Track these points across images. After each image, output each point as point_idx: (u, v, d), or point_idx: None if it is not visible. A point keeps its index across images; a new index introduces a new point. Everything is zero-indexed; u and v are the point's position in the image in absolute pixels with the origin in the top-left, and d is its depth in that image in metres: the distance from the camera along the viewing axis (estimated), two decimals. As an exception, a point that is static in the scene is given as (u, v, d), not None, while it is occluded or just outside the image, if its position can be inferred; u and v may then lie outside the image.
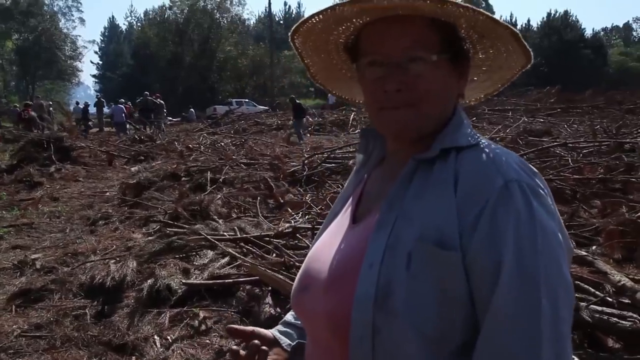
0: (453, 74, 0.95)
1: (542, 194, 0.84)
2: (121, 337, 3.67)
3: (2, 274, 5.15)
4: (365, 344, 0.83)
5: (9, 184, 10.52)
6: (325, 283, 0.94)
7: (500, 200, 0.80)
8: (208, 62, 49.73)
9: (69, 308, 4.18)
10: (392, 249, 0.85)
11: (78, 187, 10.20)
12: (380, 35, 0.92)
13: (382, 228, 0.88)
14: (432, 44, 0.90)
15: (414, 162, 0.91)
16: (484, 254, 0.79)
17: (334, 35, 1.03)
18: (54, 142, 12.25)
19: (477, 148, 0.90)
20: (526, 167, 0.87)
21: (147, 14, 60.36)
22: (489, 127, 15.01)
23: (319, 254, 1.02)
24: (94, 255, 5.38)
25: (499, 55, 1.01)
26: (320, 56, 1.09)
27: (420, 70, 0.89)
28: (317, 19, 0.95)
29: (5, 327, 3.90)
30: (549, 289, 0.77)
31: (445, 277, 0.81)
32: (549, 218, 0.82)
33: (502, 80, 1.07)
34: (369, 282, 0.84)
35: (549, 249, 0.79)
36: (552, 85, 25.46)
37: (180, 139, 16.37)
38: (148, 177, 8.86)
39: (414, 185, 0.90)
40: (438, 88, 0.91)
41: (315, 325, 0.97)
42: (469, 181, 0.84)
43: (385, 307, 0.82)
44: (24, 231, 6.89)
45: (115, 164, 12.93)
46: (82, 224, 7.22)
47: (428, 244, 0.82)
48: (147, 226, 6.56)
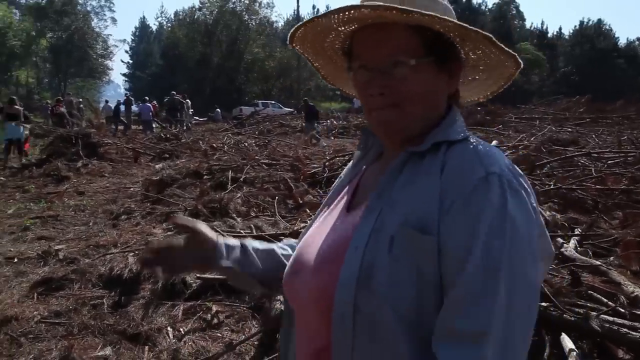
0: (441, 76, 0.98)
1: (521, 192, 0.86)
2: (135, 327, 3.78)
3: (27, 263, 5.32)
4: (346, 322, 0.88)
5: (37, 177, 10.82)
6: (314, 265, 1.00)
7: (477, 190, 0.84)
8: (236, 63, 50.17)
9: (87, 297, 4.31)
10: (376, 233, 0.90)
11: (103, 182, 10.43)
12: (366, 42, 0.97)
13: (369, 214, 0.94)
14: (412, 49, 0.94)
15: (406, 154, 0.96)
16: (454, 238, 0.83)
17: (327, 42, 1.09)
18: (81, 138, 12.55)
19: (466, 142, 0.94)
20: (512, 166, 0.90)
21: (177, 14, 61.14)
22: (515, 135, 14.85)
23: (311, 240, 1.07)
24: (115, 248, 5.52)
25: (490, 55, 1.04)
26: (322, 60, 1.15)
27: (403, 74, 0.94)
28: (302, 30, 1.02)
29: (27, 313, 4.03)
30: (508, 282, 0.80)
31: (423, 260, 0.85)
32: (523, 214, 0.84)
33: (502, 77, 1.08)
34: (354, 264, 0.89)
35: (517, 245, 0.82)
36: (583, 95, 25.02)
37: (205, 138, 16.56)
38: (171, 175, 9.00)
39: (404, 175, 0.95)
40: (422, 90, 0.96)
41: (304, 307, 1.02)
42: (453, 171, 0.88)
43: (367, 287, 0.86)
44: (49, 223, 7.09)
45: (140, 160, 13.16)
46: (106, 218, 7.40)
47: (409, 228, 0.86)
48: (167, 222, 6.68)
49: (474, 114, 20.88)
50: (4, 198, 8.99)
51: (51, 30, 50.98)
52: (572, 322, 3.29)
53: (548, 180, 7.30)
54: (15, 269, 5.12)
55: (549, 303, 3.44)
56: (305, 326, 1.03)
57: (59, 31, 51.20)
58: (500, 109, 22.93)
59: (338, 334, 0.90)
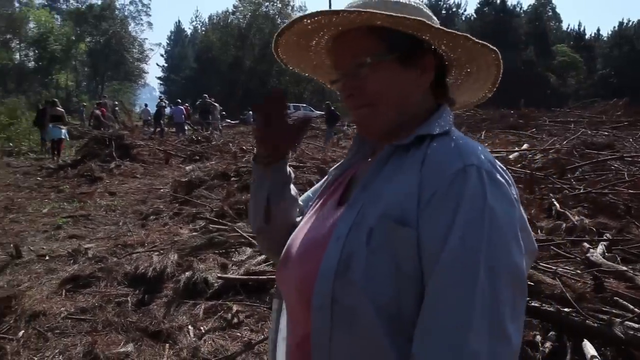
0: (409, 71, 0.99)
1: (501, 182, 0.86)
2: (157, 325, 3.85)
3: (58, 261, 5.48)
4: (324, 312, 0.89)
5: (72, 177, 11.13)
6: (299, 256, 1.02)
7: (454, 182, 0.84)
8: (268, 66, 50.55)
9: (112, 295, 4.41)
10: (357, 225, 0.91)
11: (135, 183, 10.65)
12: (336, 51, 1.05)
13: (353, 206, 0.95)
14: (370, 49, 0.98)
15: (391, 148, 0.98)
16: (432, 229, 0.83)
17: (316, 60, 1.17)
18: (115, 140, 12.84)
19: (447, 136, 0.96)
20: (492, 159, 0.91)
21: (211, 18, 62.16)
22: (549, 138, 14.58)
23: (301, 232, 1.09)
24: (141, 248, 5.63)
25: (470, 53, 1.05)
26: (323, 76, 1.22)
27: (365, 73, 0.98)
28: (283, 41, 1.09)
29: (54, 309, 4.16)
30: (490, 270, 0.79)
31: (402, 253, 0.85)
32: (503, 204, 0.84)
33: (489, 79, 1.10)
34: (334, 255, 0.90)
35: (497, 233, 0.81)
36: (621, 98, 24.36)
37: (235, 140, 16.76)
38: (199, 176, 9.14)
39: (388, 168, 0.97)
40: (387, 87, 0.99)
41: (290, 297, 1.04)
42: (432, 163, 0.89)
43: (344, 278, 0.87)
44: (81, 222, 7.29)
45: (171, 162, 13.38)
46: (135, 218, 7.56)
47: (389, 220, 0.87)
48: (194, 222, 6.79)
49: (507, 117, 20.57)
50: (40, 197, 9.27)
51: (90, 34, 52.33)
52: (595, 329, 3.23)
53: (579, 184, 7.16)
54: (46, 266, 5.28)
55: (571, 309, 3.38)
56: (291, 314, 1.05)
57: (97, 35, 52.53)
58: (534, 112, 22.52)
59: (317, 324, 0.91)
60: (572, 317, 3.34)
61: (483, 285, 0.79)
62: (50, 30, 48.68)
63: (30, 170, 12.69)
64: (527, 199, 6.26)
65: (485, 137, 14.19)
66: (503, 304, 0.80)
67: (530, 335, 3.29)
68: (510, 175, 0.91)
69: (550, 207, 6.10)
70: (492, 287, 0.79)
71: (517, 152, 9.76)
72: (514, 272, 0.82)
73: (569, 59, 50.35)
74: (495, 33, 43.21)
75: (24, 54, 52.02)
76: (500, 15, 46.20)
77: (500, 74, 1.06)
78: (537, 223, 5.36)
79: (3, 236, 6.56)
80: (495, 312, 0.79)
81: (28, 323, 3.90)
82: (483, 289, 0.78)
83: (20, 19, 49.07)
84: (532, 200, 6.23)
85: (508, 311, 0.80)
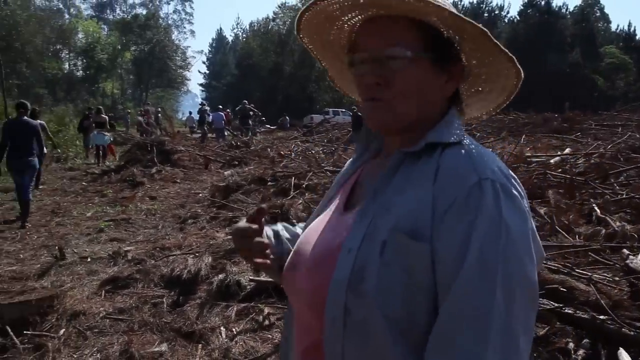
0: (438, 76, 0.99)
1: (515, 195, 0.87)
2: (190, 326, 3.94)
3: (99, 263, 5.67)
4: (337, 323, 0.90)
5: (115, 182, 11.48)
6: (309, 264, 1.02)
7: (470, 196, 0.84)
8: (307, 72, 50.88)
9: (149, 296, 4.54)
10: (369, 237, 0.91)
11: (175, 188, 10.90)
12: (365, 34, 1.00)
13: (363, 217, 0.95)
14: (410, 43, 0.95)
15: (400, 155, 0.98)
16: (448, 245, 0.83)
17: (333, 35, 1.11)
18: (156, 146, 13.18)
19: (460, 145, 0.94)
20: (506, 170, 0.91)
21: (252, 25, 63.13)
22: (594, 142, 14.16)
23: (310, 237, 1.09)
24: (178, 250, 5.77)
25: (486, 58, 1.03)
26: (329, 57, 1.19)
27: (397, 66, 0.95)
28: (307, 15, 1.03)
29: (94, 309, 4.31)
30: (505, 286, 0.80)
31: (414, 266, 0.85)
32: (517, 218, 0.84)
33: (505, 90, 1.08)
34: (346, 267, 0.90)
35: (513, 248, 0.82)
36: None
37: (274, 145, 16.93)
38: (237, 181, 9.27)
39: (398, 177, 0.96)
40: (414, 85, 0.96)
41: (299, 302, 1.05)
42: (446, 176, 0.89)
43: (357, 290, 0.88)
44: (122, 225, 7.52)
45: (211, 167, 13.62)
46: (173, 222, 7.75)
47: (401, 233, 0.87)
48: (230, 226, 6.90)
49: (551, 121, 20.08)
50: (84, 202, 9.60)
51: (135, 43, 53.87)
52: (632, 337, 3.14)
53: (622, 189, 6.93)
54: (88, 268, 5.47)
55: (606, 316, 3.30)
56: (301, 319, 1.06)
57: (141, 44, 54.02)
58: (580, 115, 21.89)
59: (329, 335, 0.92)
60: (608, 325, 3.25)
61: (499, 300, 0.79)
62: (98, 40, 50.38)
63: (77, 176, 13.15)
64: (567, 204, 6.11)
65: (526, 142, 13.88)
66: (517, 318, 0.81)
67: (562, 343, 3.21)
68: (522, 186, 0.91)
69: (590, 212, 5.93)
70: (508, 302, 0.80)
71: (559, 157, 9.53)
72: (527, 285, 0.83)
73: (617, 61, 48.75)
74: (539, 35, 42.31)
75: (73, 63, 54.05)
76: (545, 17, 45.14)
77: (519, 85, 1.03)
78: (575, 229, 5.22)
79: (49, 239, 6.84)
80: (510, 327, 0.80)
81: (69, 322, 4.05)
82: (499, 304, 0.79)
83: (70, 30, 50.98)
84: (571, 205, 6.07)
85: (521, 324, 0.82)
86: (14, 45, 38.29)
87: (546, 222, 5.43)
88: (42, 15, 48.55)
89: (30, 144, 7.95)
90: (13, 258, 5.95)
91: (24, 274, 5.29)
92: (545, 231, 5.23)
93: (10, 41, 37.74)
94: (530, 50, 41.58)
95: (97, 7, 72.40)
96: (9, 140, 7.82)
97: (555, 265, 3.83)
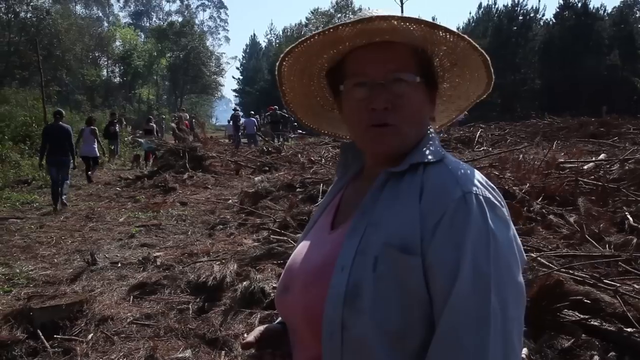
0: (427, 98, 1.05)
1: (497, 205, 0.92)
2: (214, 332, 4.00)
3: (129, 268, 5.80)
4: (335, 339, 0.93)
5: (148, 188, 11.71)
6: (302, 283, 1.05)
7: (457, 210, 0.89)
8: (339, 77, 50.95)
9: (175, 302, 4.62)
10: (361, 254, 0.95)
11: (206, 194, 11.04)
12: (366, 59, 1.02)
13: (353, 234, 0.99)
14: (413, 68, 1.01)
15: (386, 175, 1.01)
16: (442, 258, 0.87)
17: (322, 59, 1.12)
18: (188, 152, 13.39)
19: (442, 163, 1.00)
20: (485, 182, 0.96)
21: (285, 31, 63.60)
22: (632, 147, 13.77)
23: (299, 258, 1.13)
24: (207, 257, 5.85)
25: (462, 85, 1.11)
26: (301, 81, 1.19)
27: (402, 90, 0.99)
28: (317, 38, 1.03)
29: (121, 314, 4.41)
30: (499, 291, 0.85)
31: (407, 279, 0.89)
32: (502, 228, 0.90)
33: (457, 110, 1.18)
34: (341, 284, 0.94)
35: (501, 256, 0.87)
36: None
37: (304, 151, 16.99)
38: (266, 187, 9.34)
39: (385, 195, 1.00)
40: (417, 109, 1.02)
41: (295, 323, 1.08)
42: (431, 192, 0.93)
43: (353, 306, 0.91)
44: (152, 231, 7.67)
45: (242, 173, 13.75)
46: (203, 228, 7.85)
47: (392, 248, 0.91)
48: (257, 233, 6.97)
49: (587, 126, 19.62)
50: (118, 207, 9.83)
51: (170, 50, 54.80)
52: (660, 352, 3.06)
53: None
54: (117, 273, 5.60)
55: (634, 329, 3.22)
56: (298, 338, 1.08)
57: (177, 51, 54.91)
58: (618, 119, 21.31)
59: (327, 351, 0.95)
60: (635, 338, 3.18)
61: (495, 306, 0.84)
62: (135, 47, 51.44)
63: (111, 181, 13.47)
64: (598, 212, 5.98)
65: (559, 147, 13.60)
66: (511, 321, 0.86)
67: (587, 356, 3.15)
68: (501, 195, 0.96)
69: (623, 220, 5.78)
70: (502, 306, 0.85)
71: (593, 163, 9.31)
72: (517, 289, 0.89)
73: (658, 63, 47.26)
74: (576, 38, 41.32)
75: (111, 70, 55.34)
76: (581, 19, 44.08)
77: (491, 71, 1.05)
78: (606, 237, 5.10)
79: (83, 243, 7.03)
80: (506, 332, 0.85)
81: (97, 327, 4.16)
82: (495, 310, 0.84)
83: (108, 38, 52.22)
84: (603, 213, 5.94)
85: (516, 327, 0.87)
86: (55, 53, 39.45)
87: (576, 231, 5.33)
88: (82, 23, 49.91)
89: (63, 145, 9.84)
90: (47, 262, 6.15)
91: (57, 279, 5.45)
92: (575, 240, 5.13)
93: (52, 49, 38.87)
94: (566, 53, 40.73)
95: (135, 15, 74.26)
96: (47, 142, 9.85)
97: (581, 275, 3.76)
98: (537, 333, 3.33)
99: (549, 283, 3.44)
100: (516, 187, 6.84)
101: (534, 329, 3.32)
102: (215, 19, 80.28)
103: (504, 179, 7.19)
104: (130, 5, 74.73)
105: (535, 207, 6.26)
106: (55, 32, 39.75)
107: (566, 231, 5.52)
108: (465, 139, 20.58)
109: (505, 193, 6.54)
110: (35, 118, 18.22)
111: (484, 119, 24.30)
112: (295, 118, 1.30)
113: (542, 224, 5.75)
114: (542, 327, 3.35)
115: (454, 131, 23.52)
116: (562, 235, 5.41)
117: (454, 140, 20.84)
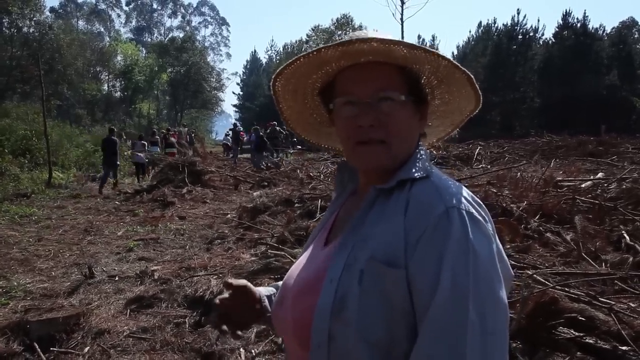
0: (416, 116, 1.09)
1: (480, 220, 0.94)
2: (210, 347, 3.99)
3: (126, 281, 5.80)
4: (322, 350, 0.97)
5: (146, 202, 11.73)
6: (294, 296, 1.09)
7: (439, 225, 0.91)
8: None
9: (172, 316, 4.62)
10: (349, 267, 0.98)
11: (204, 208, 11.06)
12: (354, 79, 1.07)
13: (343, 249, 1.03)
14: (399, 87, 1.05)
15: (375, 192, 1.05)
16: (423, 271, 0.90)
17: (312, 79, 1.17)
18: (187, 166, 13.43)
19: (428, 179, 1.03)
20: (471, 197, 0.98)
21: (285, 47, 64.06)
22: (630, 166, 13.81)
23: (294, 272, 1.17)
24: (204, 271, 5.86)
25: (452, 101, 1.15)
26: (296, 100, 1.24)
27: (389, 108, 1.03)
28: (303, 60, 1.09)
29: (118, 328, 4.40)
30: (477, 305, 0.86)
31: (392, 292, 0.92)
32: (484, 242, 0.92)
33: (452, 124, 1.21)
34: (329, 296, 0.97)
35: (481, 270, 0.89)
36: None
37: (303, 167, 17.03)
38: (264, 202, 9.37)
39: (374, 211, 1.04)
40: (404, 126, 1.06)
41: (286, 335, 1.12)
42: (415, 208, 0.97)
43: (340, 317, 0.95)
44: (150, 245, 7.67)
45: (240, 188, 13.78)
46: (201, 242, 7.87)
47: (377, 262, 0.94)
48: (255, 248, 6.98)
49: (585, 144, 19.70)
50: (116, 221, 9.84)
51: (171, 65, 55.14)
52: (654, 370, 3.07)
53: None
54: (115, 286, 5.60)
55: (629, 347, 3.23)
56: (291, 350, 1.12)
57: (177, 66, 55.24)
58: (616, 138, 21.39)
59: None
60: (629, 356, 3.19)
61: (473, 318, 0.85)
62: (136, 62, 51.82)
63: (110, 195, 13.49)
64: (595, 230, 6.00)
65: (558, 165, 13.65)
66: (490, 335, 0.87)
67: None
68: (487, 211, 0.99)
69: (620, 239, 5.80)
70: (481, 319, 0.86)
71: (590, 181, 9.34)
72: (497, 302, 0.90)
73: (657, 83, 47.48)
74: (575, 57, 41.60)
75: (111, 84, 55.62)
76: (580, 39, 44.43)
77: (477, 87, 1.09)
78: (602, 256, 5.12)
79: (81, 257, 7.04)
80: (485, 345, 0.86)
81: (94, 340, 4.16)
82: (473, 322, 0.85)
83: (109, 53, 52.60)
84: (599, 231, 5.96)
85: (498, 342, 0.88)
86: (56, 67, 39.68)
87: (572, 249, 5.34)
88: (84, 38, 50.30)
89: (112, 151, 14.83)
90: (45, 275, 6.15)
91: (54, 292, 5.45)
92: (572, 258, 5.15)
93: (53, 64, 39.10)
94: (565, 72, 40.96)
95: (136, 30, 74.84)
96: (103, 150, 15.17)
97: (576, 293, 3.77)
98: (532, 350, 3.33)
99: (544, 300, 3.45)
100: (514, 205, 6.86)
101: (529, 345, 3.34)
102: (217, 35, 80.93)
103: (502, 197, 7.20)
104: (131, 20, 75.47)
105: (532, 224, 6.27)
106: (57, 46, 40.03)
107: (563, 249, 5.54)
108: (464, 156, 20.64)
109: (502, 210, 6.57)
110: (35, 132, 18.26)
111: (483, 136, 24.41)
112: (295, 134, 1.35)
113: (539, 242, 5.77)
114: (537, 344, 3.36)
115: (453, 148, 23.62)
116: (559, 253, 5.42)
117: (452, 158, 20.91)
